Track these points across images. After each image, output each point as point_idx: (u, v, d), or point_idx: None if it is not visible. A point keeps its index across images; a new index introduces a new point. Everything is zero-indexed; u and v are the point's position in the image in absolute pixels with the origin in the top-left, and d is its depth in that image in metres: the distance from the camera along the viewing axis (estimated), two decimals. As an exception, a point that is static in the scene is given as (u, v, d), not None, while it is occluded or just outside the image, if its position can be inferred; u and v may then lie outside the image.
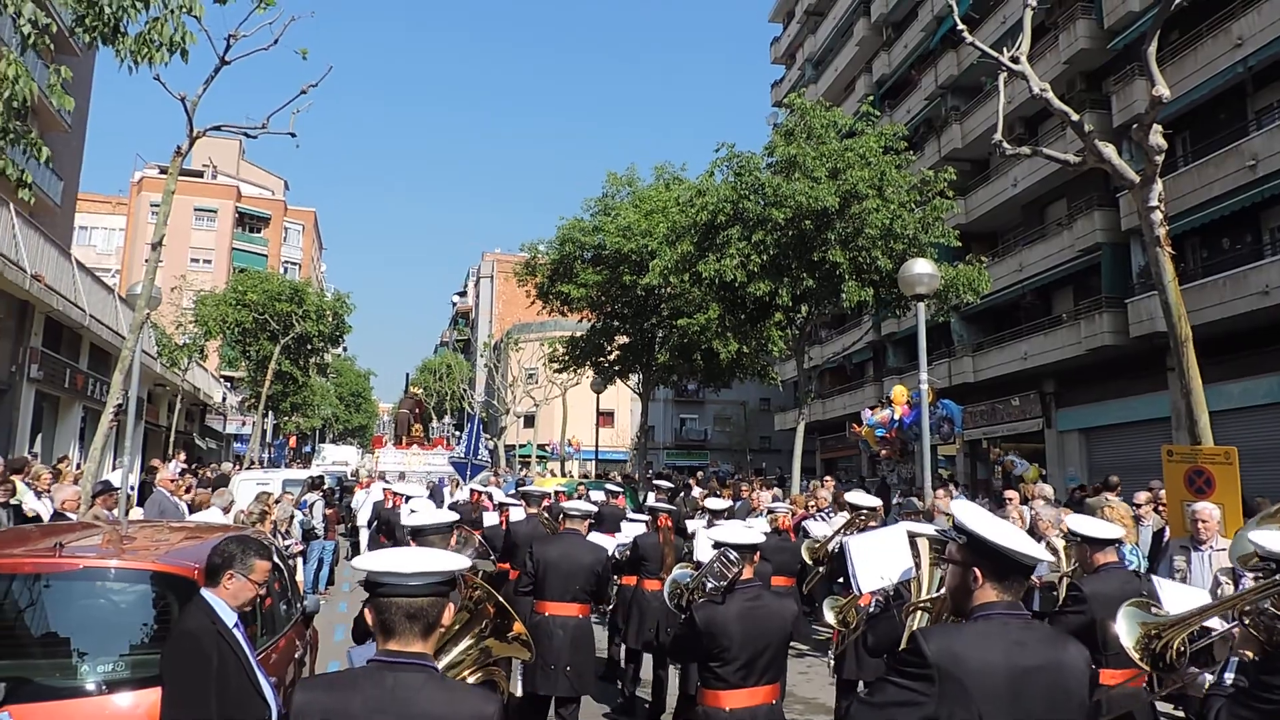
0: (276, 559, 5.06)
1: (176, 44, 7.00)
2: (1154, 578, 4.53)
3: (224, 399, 43.41)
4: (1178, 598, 3.72)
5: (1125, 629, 3.35)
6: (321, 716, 2.27)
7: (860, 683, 6.37)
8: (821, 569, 7.56)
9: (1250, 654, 2.98)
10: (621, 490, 14.08)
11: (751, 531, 4.64)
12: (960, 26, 11.39)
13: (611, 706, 8.01)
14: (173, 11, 6.96)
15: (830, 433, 39.56)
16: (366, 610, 2.42)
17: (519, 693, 6.22)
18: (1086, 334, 22.35)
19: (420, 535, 4.96)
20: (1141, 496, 10.86)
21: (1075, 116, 9.84)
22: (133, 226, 59.38)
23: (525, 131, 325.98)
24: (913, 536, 4.04)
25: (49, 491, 9.54)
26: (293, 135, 10.94)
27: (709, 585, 4.38)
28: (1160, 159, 9.17)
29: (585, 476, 32.19)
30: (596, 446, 32.94)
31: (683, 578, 5.13)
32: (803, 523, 10.04)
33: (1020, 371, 25.37)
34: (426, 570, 2.37)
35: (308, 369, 39.45)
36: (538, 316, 39.03)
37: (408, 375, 62.70)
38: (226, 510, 9.67)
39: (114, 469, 17.70)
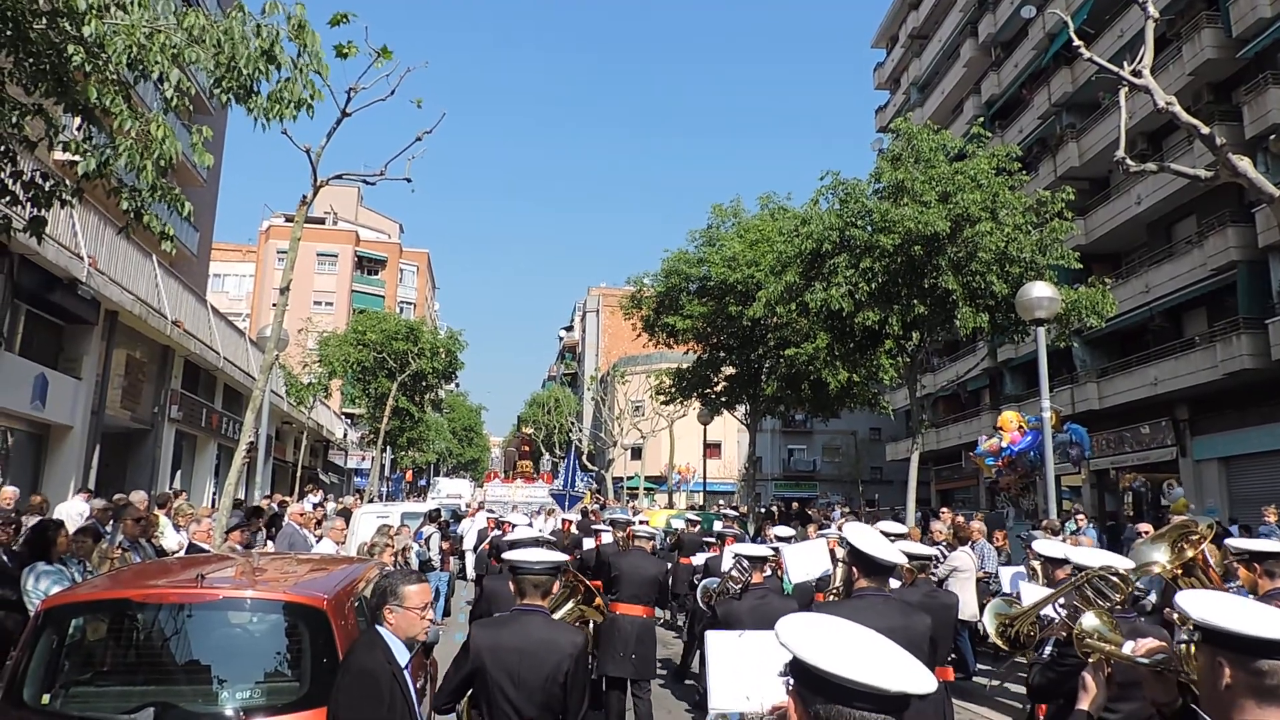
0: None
1: (304, 101, 7.40)
2: (1019, 580, 5.51)
3: (345, 435, 45.10)
4: (1032, 595, 4.60)
5: (989, 621, 4.28)
6: (490, 642, 3.83)
7: None
8: None
9: (1062, 634, 3.76)
10: (699, 520, 16.55)
11: (762, 548, 6.19)
12: (1076, 42, 11.06)
13: (690, 703, 9.26)
14: (301, 70, 7.36)
15: (945, 463, 38.33)
16: (510, 582, 4.19)
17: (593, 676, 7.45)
18: (1223, 357, 21.07)
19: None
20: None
21: (1205, 130, 9.39)
22: (261, 273, 62.86)
23: (625, 170, 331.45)
24: (832, 549, 6.58)
25: (186, 526, 10.08)
26: (408, 181, 11.36)
27: (732, 587, 5.64)
28: (1301, 170, 8.64)
29: (692, 508, 32.08)
30: (705, 478, 32.79)
31: (711, 583, 6.58)
32: None
33: (1150, 398, 24.07)
34: (543, 560, 4.08)
35: (423, 405, 40.58)
36: (644, 349, 39.34)
37: (519, 417, 64.11)
38: (340, 542, 9.97)
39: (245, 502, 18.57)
